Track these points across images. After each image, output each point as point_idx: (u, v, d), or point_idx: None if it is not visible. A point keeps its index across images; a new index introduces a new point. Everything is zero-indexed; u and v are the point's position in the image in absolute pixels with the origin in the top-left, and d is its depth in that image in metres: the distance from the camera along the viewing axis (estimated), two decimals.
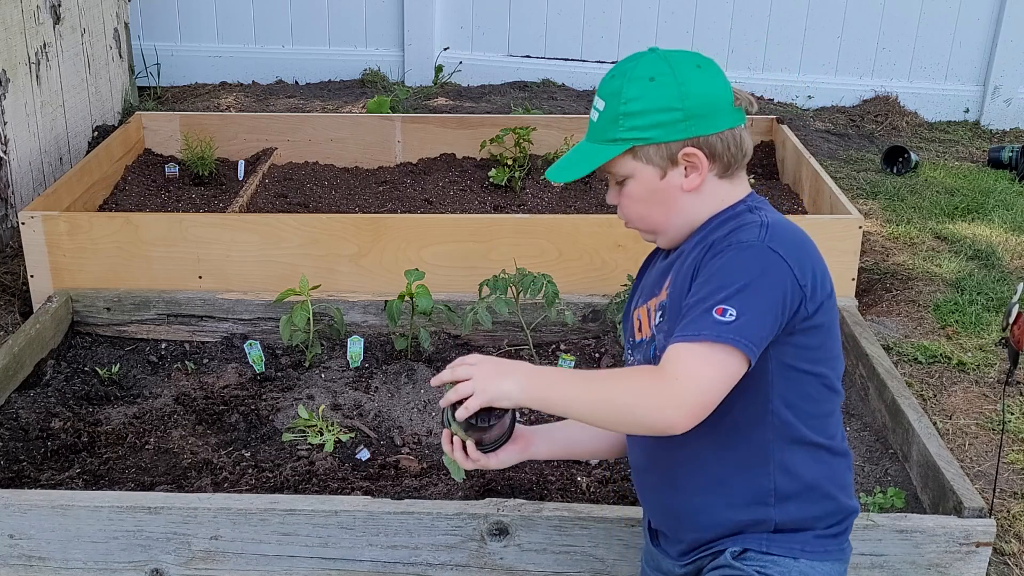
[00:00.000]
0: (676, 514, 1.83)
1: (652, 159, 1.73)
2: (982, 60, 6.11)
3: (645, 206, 1.78)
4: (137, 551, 2.38)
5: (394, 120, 4.83)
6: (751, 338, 1.58)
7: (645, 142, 1.72)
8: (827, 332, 1.73)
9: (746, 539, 1.75)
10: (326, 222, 3.51)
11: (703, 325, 1.59)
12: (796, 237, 1.71)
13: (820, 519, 1.77)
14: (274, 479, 2.69)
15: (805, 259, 1.67)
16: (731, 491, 1.74)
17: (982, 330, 3.63)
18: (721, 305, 1.59)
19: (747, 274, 1.62)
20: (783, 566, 1.73)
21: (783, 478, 1.73)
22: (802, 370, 1.71)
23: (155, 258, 3.51)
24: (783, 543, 1.74)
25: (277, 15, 6.41)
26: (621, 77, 1.74)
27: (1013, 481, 2.87)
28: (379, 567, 2.38)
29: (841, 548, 1.80)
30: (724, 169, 1.75)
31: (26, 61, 4.38)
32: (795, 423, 1.72)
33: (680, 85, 1.70)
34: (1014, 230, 4.49)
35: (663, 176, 1.74)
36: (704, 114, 1.71)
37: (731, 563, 1.74)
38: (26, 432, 2.91)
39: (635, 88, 1.71)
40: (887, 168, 5.30)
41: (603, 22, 6.34)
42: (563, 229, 3.49)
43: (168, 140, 4.74)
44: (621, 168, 1.76)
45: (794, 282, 1.63)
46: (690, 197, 1.75)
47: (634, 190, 1.77)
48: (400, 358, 3.33)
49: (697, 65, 1.73)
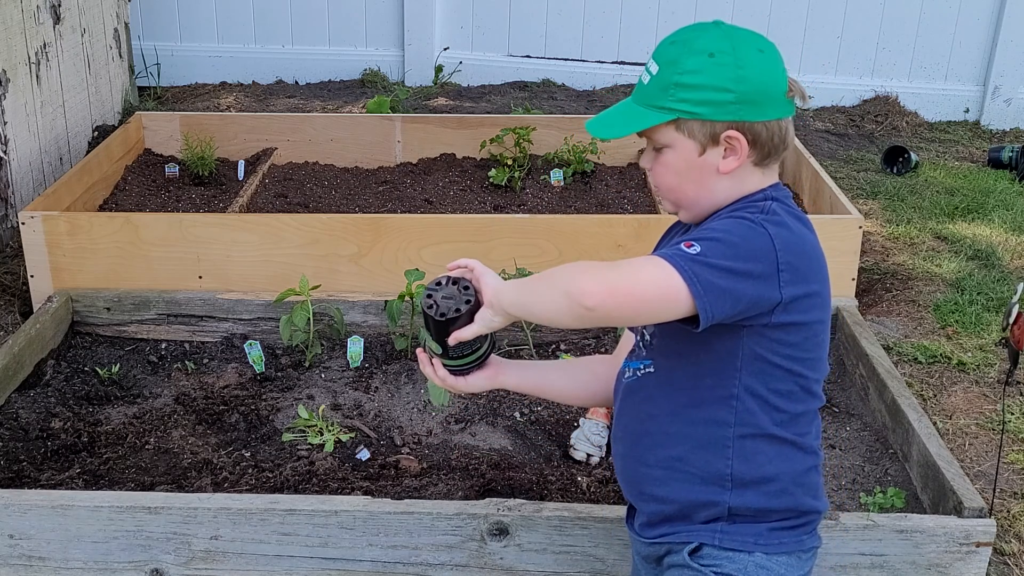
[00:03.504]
0: (637, 484, 1.85)
1: (695, 134, 1.71)
2: (982, 60, 6.11)
3: (678, 178, 1.76)
4: (137, 551, 2.38)
5: (394, 120, 4.83)
6: (700, 277, 1.55)
7: (692, 116, 1.69)
8: (809, 333, 1.71)
9: (700, 532, 1.76)
10: (326, 222, 3.52)
11: (670, 250, 1.60)
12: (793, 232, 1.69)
13: (775, 512, 1.76)
14: (274, 479, 2.69)
15: (794, 250, 1.66)
16: (689, 468, 1.75)
17: (982, 330, 3.63)
18: (690, 241, 1.60)
19: (727, 234, 1.62)
20: (738, 562, 1.73)
21: (741, 465, 1.73)
22: (774, 363, 1.70)
23: (155, 258, 3.51)
24: (736, 535, 1.74)
25: (277, 15, 6.41)
26: (682, 46, 1.72)
27: (1013, 481, 2.87)
28: (379, 567, 2.38)
29: (799, 540, 1.77)
30: (763, 157, 1.74)
31: (26, 61, 4.38)
32: (760, 414, 1.72)
33: (739, 68, 1.67)
34: (1014, 230, 4.49)
35: (702, 153, 1.72)
36: (756, 100, 1.69)
37: (688, 563, 1.75)
38: (26, 432, 2.91)
39: (694, 61, 1.69)
40: (887, 168, 5.30)
41: (603, 22, 6.34)
42: (563, 229, 3.49)
43: (168, 140, 4.74)
44: (662, 136, 1.74)
45: (773, 263, 1.62)
46: (723, 179, 1.73)
47: (671, 160, 1.75)
48: (400, 358, 3.33)
49: (760, 49, 1.71)
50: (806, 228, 1.75)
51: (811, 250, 1.72)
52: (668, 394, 1.77)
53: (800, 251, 1.67)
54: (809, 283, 1.69)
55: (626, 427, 1.86)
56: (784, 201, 1.76)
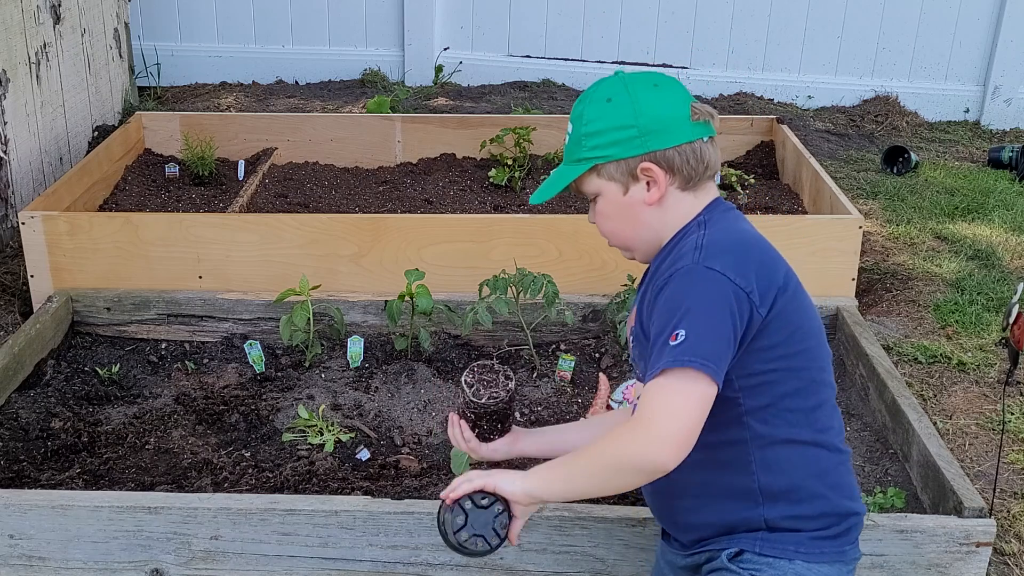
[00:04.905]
0: (671, 515, 1.89)
1: (614, 176, 1.81)
2: (982, 60, 6.11)
3: (614, 223, 1.86)
4: (137, 551, 2.38)
5: (394, 120, 4.83)
6: (705, 355, 1.63)
7: (606, 159, 1.80)
8: (789, 322, 1.73)
9: (741, 540, 1.77)
10: (326, 222, 3.51)
11: (662, 356, 1.65)
12: (735, 244, 1.73)
13: (813, 519, 1.76)
14: (274, 479, 2.69)
15: (745, 264, 1.70)
16: (718, 492, 1.78)
17: (982, 330, 3.63)
18: (673, 332, 1.66)
19: (689, 297, 1.67)
20: (778, 568, 1.74)
21: (767, 477, 1.75)
22: (769, 369, 1.72)
23: (155, 258, 3.51)
24: (776, 543, 1.75)
25: (277, 15, 6.41)
26: (584, 101, 1.85)
27: (1013, 481, 2.87)
28: (379, 567, 2.38)
29: (841, 551, 1.78)
30: (685, 182, 1.80)
31: (26, 61, 4.38)
32: (773, 422, 1.74)
33: (634, 104, 1.78)
34: (1014, 230, 4.49)
35: (626, 192, 1.82)
36: (658, 129, 1.77)
37: (727, 565, 1.76)
38: (26, 432, 2.91)
39: (594, 109, 1.82)
40: (887, 168, 5.30)
41: (603, 22, 6.34)
42: (563, 229, 3.49)
43: (168, 140, 4.74)
44: (590, 186, 1.86)
45: (738, 292, 1.67)
46: (653, 211, 1.81)
47: (603, 207, 1.86)
48: (400, 358, 3.33)
49: (655, 84, 1.81)
50: (743, 230, 1.79)
51: (756, 252, 1.75)
52: None
53: (750, 263, 1.71)
54: (773, 277, 1.73)
55: None
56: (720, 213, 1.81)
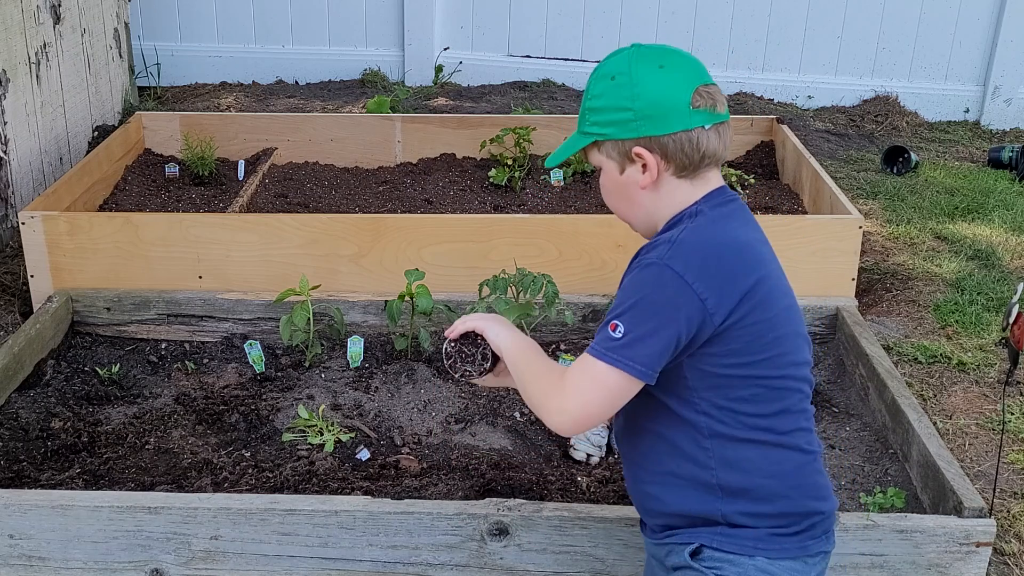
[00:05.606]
0: (641, 502, 1.91)
1: (611, 154, 1.82)
2: (982, 60, 6.11)
3: (612, 198, 1.88)
4: (137, 551, 2.38)
5: (394, 120, 4.83)
6: (637, 358, 1.67)
7: (603, 137, 1.81)
8: (750, 331, 1.70)
9: (700, 534, 1.78)
10: (326, 222, 3.51)
11: (600, 338, 1.72)
12: (706, 246, 1.71)
13: (772, 517, 1.76)
14: (274, 479, 2.69)
15: (708, 269, 1.68)
16: (679, 483, 1.80)
17: (982, 330, 3.63)
18: (615, 321, 1.69)
19: (640, 292, 1.69)
20: (739, 565, 1.74)
21: (726, 474, 1.75)
22: (725, 374, 1.72)
23: (155, 258, 3.51)
24: (735, 539, 1.76)
25: (277, 15, 6.42)
26: (594, 73, 1.84)
27: (1013, 481, 2.87)
28: (379, 567, 2.38)
29: (802, 546, 1.78)
30: (680, 170, 1.79)
31: (26, 61, 4.38)
32: (730, 422, 1.74)
33: (633, 86, 1.76)
34: (1014, 230, 4.49)
35: (622, 171, 1.82)
36: (654, 115, 1.75)
37: (690, 563, 1.77)
38: (26, 432, 2.91)
39: (599, 85, 1.81)
40: (887, 168, 5.30)
41: (603, 22, 6.34)
42: (563, 229, 3.49)
43: (168, 140, 4.74)
44: (593, 159, 1.87)
45: (692, 297, 1.66)
46: (647, 194, 1.81)
47: (604, 181, 1.88)
48: (400, 358, 3.33)
49: (660, 65, 1.77)
50: (736, 224, 1.77)
51: (734, 248, 1.73)
52: (647, 419, 1.82)
53: (716, 269, 1.68)
54: (739, 284, 1.69)
55: (624, 452, 1.94)
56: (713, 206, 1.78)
